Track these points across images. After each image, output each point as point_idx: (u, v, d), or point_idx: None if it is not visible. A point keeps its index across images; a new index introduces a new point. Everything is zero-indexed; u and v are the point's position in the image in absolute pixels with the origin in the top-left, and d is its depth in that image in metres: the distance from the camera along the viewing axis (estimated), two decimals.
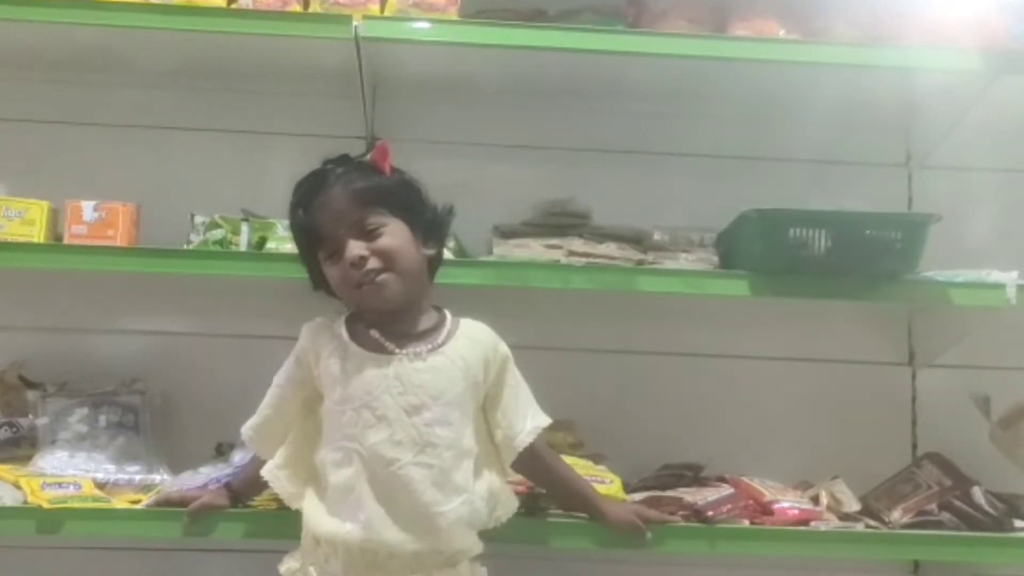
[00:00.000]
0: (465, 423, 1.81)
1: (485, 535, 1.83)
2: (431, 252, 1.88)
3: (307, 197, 1.86)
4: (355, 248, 1.80)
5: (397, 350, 1.81)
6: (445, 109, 2.46)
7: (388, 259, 1.80)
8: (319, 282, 1.89)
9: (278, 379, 1.89)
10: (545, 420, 1.89)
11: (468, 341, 1.85)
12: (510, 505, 1.88)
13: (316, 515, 1.79)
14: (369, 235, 1.81)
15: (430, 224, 1.88)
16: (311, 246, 1.86)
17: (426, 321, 1.86)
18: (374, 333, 1.82)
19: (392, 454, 1.75)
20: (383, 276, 1.80)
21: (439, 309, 1.89)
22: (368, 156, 1.88)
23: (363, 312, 1.86)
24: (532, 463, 1.90)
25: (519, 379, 1.89)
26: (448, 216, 1.91)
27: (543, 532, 1.97)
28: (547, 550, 1.98)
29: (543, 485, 1.97)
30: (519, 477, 1.94)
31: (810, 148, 2.46)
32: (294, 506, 1.84)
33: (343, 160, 1.89)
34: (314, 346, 1.85)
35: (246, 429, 1.89)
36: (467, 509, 1.78)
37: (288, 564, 1.83)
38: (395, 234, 1.82)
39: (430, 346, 1.82)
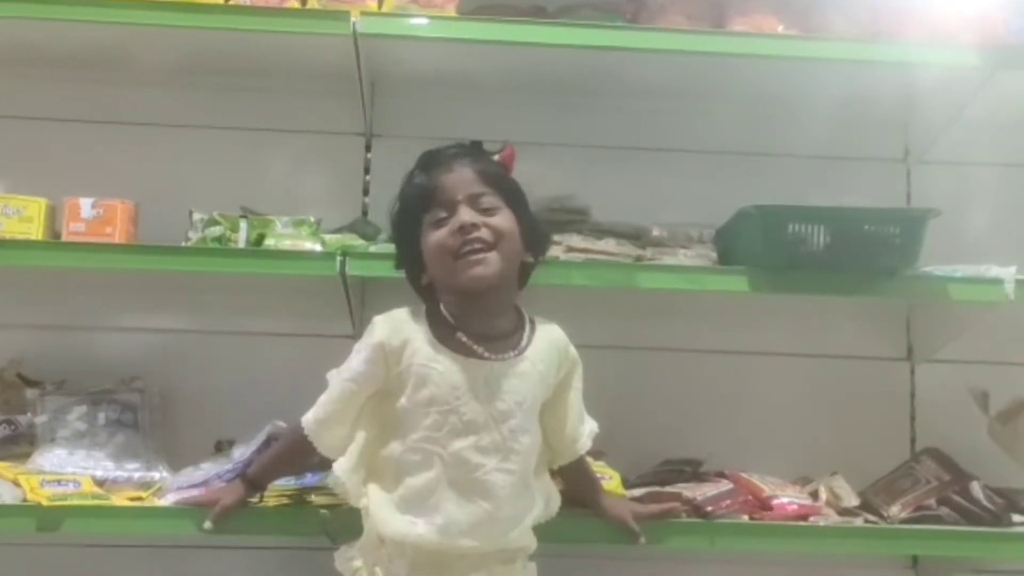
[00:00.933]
0: (537, 427, 1.83)
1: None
2: (527, 260, 1.86)
3: (431, 163, 1.83)
4: (467, 214, 1.77)
5: (487, 355, 1.78)
6: (444, 105, 2.45)
7: (498, 236, 1.77)
8: (408, 259, 1.85)
9: (347, 374, 1.81)
10: (595, 425, 1.93)
11: (545, 344, 1.84)
12: (557, 498, 1.90)
13: (385, 515, 1.76)
14: (484, 211, 1.78)
15: (534, 233, 1.87)
16: (420, 210, 1.81)
17: (509, 322, 1.84)
18: (461, 336, 1.79)
19: (477, 460, 1.74)
20: (487, 254, 1.76)
21: (517, 308, 1.88)
22: (498, 155, 1.88)
23: (446, 296, 1.82)
24: (578, 466, 1.93)
25: (580, 383, 1.91)
26: (550, 237, 1.91)
27: (543, 529, 1.97)
28: (546, 547, 1.97)
29: (573, 485, 1.97)
30: None
31: (809, 144, 2.46)
32: (358, 505, 1.79)
33: (474, 144, 1.88)
34: (397, 342, 1.79)
35: (309, 423, 1.81)
36: (537, 511, 1.81)
37: (352, 562, 1.78)
38: (507, 219, 1.80)
39: (515, 351, 1.81)
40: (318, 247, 2.12)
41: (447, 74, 2.38)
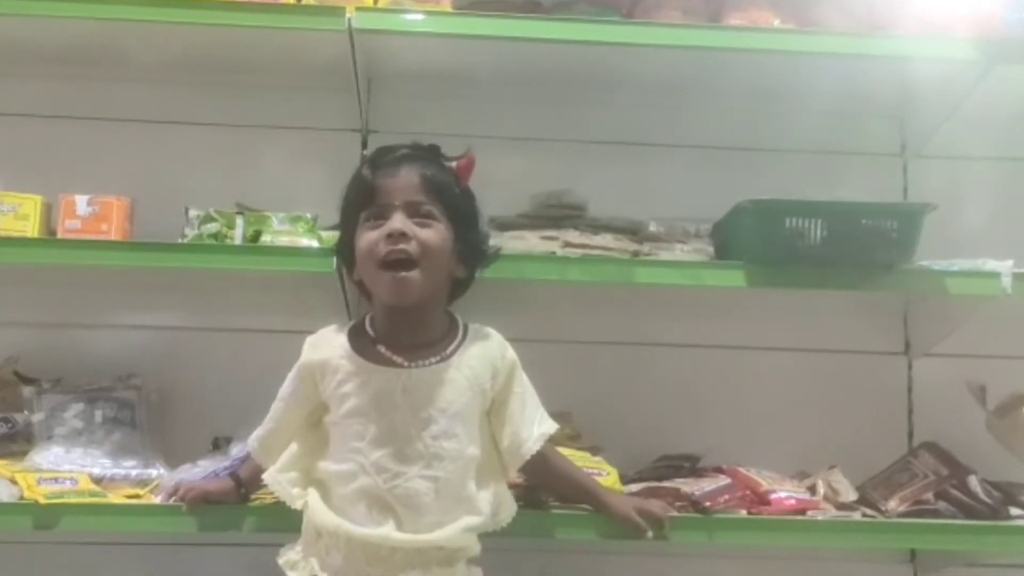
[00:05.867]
0: (470, 433, 1.80)
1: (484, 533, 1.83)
2: (459, 275, 1.86)
3: (379, 160, 1.82)
4: (400, 221, 1.76)
5: (405, 363, 1.79)
6: (440, 101, 2.45)
7: (425, 252, 1.77)
8: (345, 253, 1.86)
9: (282, 393, 1.87)
10: (552, 426, 1.89)
11: (476, 348, 1.83)
12: (511, 509, 1.88)
13: (320, 509, 1.79)
14: (420, 220, 1.77)
15: (472, 248, 1.86)
16: (359, 207, 1.80)
17: (435, 331, 1.84)
18: (381, 348, 1.80)
19: (398, 467, 1.75)
20: (409, 273, 1.76)
21: (451, 315, 1.88)
22: (456, 162, 1.86)
23: (371, 312, 1.82)
24: (540, 468, 1.90)
25: (526, 384, 1.88)
26: (494, 255, 1.89)
27: (542, 524, 1.97)
28: (545, 542, 1.97)
29: (549, 487, 1.97)
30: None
31: (805, 138, 2.46)
32: (295, 507, 1.83)
33: (431, 148, 1.86)
34: (318, 360, 1.83)
35: (252, 441, 1.89)
36: (472, 519, 1.78)
37: (287, 556, 1.82)
38: (440, 233, 1.79)
39: (437, 357, 1.80)
40: (315, 243, 2.11)
41: (443, 69, 2.38)
